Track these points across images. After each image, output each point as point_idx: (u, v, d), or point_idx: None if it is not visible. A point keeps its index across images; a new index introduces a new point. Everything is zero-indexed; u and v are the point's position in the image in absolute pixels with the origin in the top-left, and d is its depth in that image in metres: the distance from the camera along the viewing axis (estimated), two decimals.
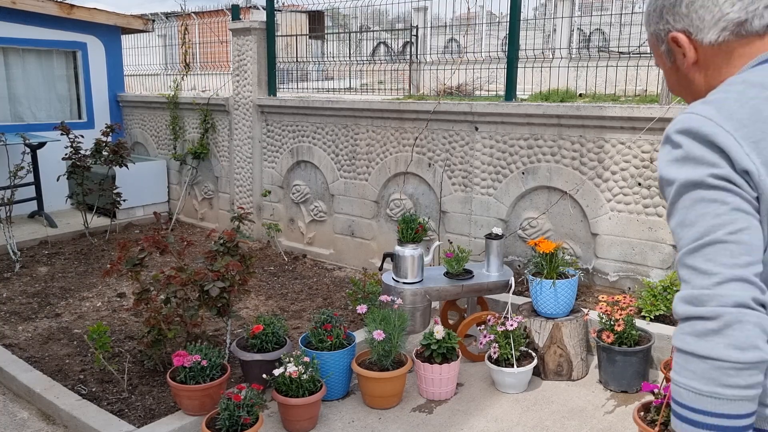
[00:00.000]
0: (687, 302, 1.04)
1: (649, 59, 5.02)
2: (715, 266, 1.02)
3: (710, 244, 1.04)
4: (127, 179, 6.65)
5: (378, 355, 3.29)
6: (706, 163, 1.06)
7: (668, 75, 1.31)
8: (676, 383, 1.03)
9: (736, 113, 1.07)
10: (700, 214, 1.06)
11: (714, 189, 1.05)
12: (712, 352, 0.99)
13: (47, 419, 3.17)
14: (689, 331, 1.02)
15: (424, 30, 7.91)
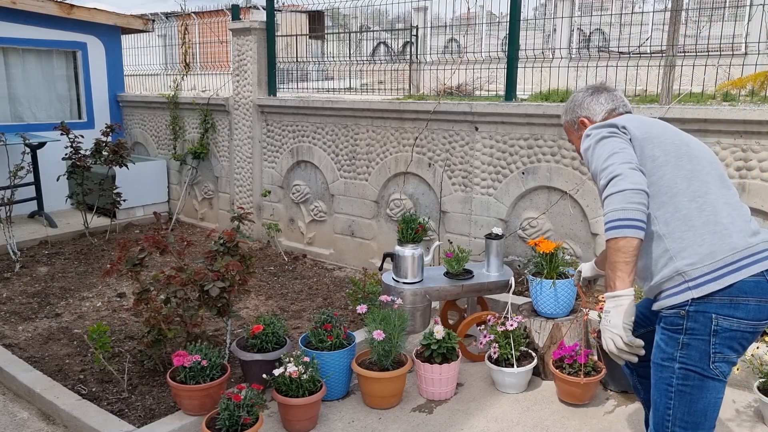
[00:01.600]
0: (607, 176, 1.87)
1: (649, 59, 5.02)
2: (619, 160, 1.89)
3: (615, 153, 1.92)
4: (127, 179, 6.65)
5: (378, 355, 3.29)
6: (606, 128, 2.04)
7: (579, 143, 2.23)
8: (607, 212, 1.83)
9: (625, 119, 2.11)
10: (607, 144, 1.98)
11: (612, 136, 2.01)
12: (621, 187, 1.82)
13: (47, 419, 3.17)
14: (612, 185, 1.84)
15: (424, 30, 7.92)
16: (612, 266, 1.80)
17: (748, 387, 3.33)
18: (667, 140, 2.02)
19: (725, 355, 1.86)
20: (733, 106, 3.80)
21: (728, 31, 4.62)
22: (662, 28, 4.78)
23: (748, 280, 1.82)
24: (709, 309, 1.82)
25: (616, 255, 1.78)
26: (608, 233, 1.79)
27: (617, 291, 1.81)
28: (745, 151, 3.67)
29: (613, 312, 1.81)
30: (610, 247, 1.80)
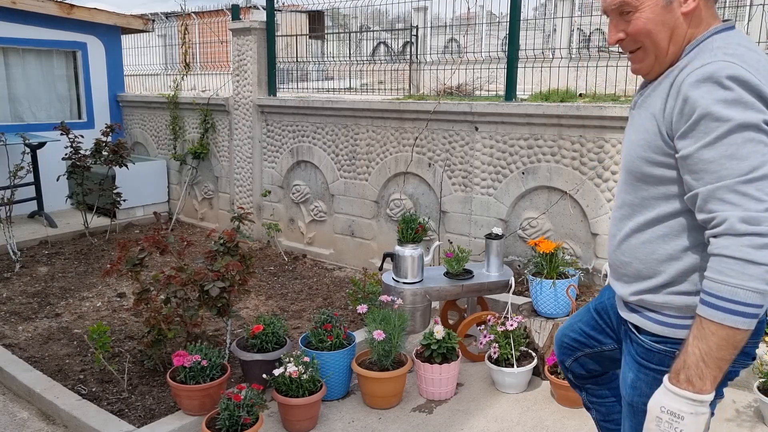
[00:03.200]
0: (745, 222, 1.25)
1: None
2: (764, 195, 1.26)
3: (760, 179, 1.26)
4: (127, 179, 6.65)
5: (378, 355, 3.29)
6: (757, 109, 1.28)
7: (650, 13, 1.44)
8: (732, 285, 1.25)
9: (758, 69, 1.32)
10: (751, 151, 1.27)
11: (763, 132, 1.28)
12: (767, 260, 1.24)
13: (47, 419, 3.17)
14: (748, 244, 1.24)
15: (424, 30, 7.92)
16: (714, 361, 1.28)
17: (748, 387, 3.33)
18: None
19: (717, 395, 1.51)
20: None
21: None
22: None
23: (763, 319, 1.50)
24: None
25: (728, 350, 1.28)
26: (734, 318, 1.26)
27: (705, 396, 1.30)
28: None
29: (691, 421, 1.30)
30: (725, 338, 1.27)
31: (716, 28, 1.43)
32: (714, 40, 1.41)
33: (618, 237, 1.61)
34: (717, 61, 1.32)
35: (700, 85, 1.32)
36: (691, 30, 1.45)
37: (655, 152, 1.46)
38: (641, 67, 1.53)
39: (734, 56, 1.32)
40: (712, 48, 1.38)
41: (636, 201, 1.54)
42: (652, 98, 1.49)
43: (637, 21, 1.46)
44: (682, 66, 1.42)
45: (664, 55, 1.47)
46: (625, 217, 1.58)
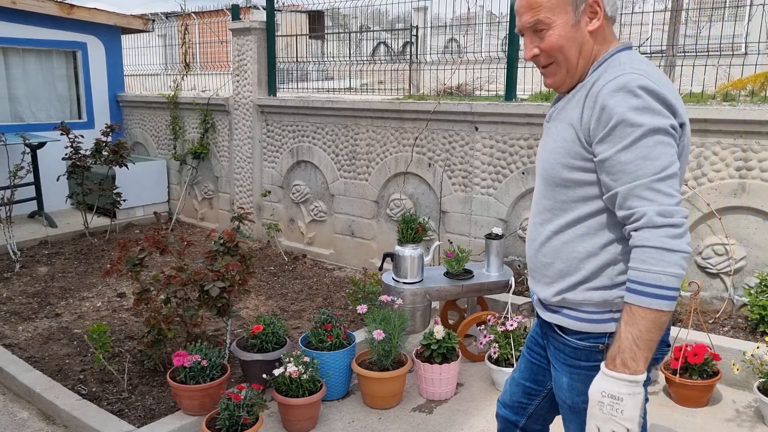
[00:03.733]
0: (661, 215, 1.39)
1: (649, 59, 5.02)
2: (674, 191, 1.42)
3: (670, 177, 1.42)
4: (127, 179, 6.65)
5: (378, 355, 3.29)
6: (664, 115, 1.44)
7: (562, 30, 1.57)
8: (654, 272, 1.38)
9: (662, 81, 1.48)
10: (662, 152, 1.42)
11: (670, 135, 1.44)
12: (683, 247, 1.39)
13: (47, 419, 3.17)
14: (665, 234, 1.39)
15: (424, 30, 7.91)
16: (644, 343, 1.39)
17: (748, 387, 3.33)
18: (686, 152, 1.62)
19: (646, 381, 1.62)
20: (733, 106, 3.80)
21: (728, 31, 4.62)
22: (662, 28, 4.78)
23: None
24: None
25: (656, 331, 1.40)
26: (658, 302, 1.38)
27: (639, 376, 1.40)
28: (745, 151, 3.67)
29: (630, 401, 1.40)
30: (652, 320, 1.39)
31: (619, 47, 1.59)
32: (620, 56, 1.56)
33: (538, 240, 1.70)
34: (628, 73, 1.46)
35: (615, 95, 1.45)
36: (597, 47, 1.59)
37: (573, 158, 1.56)
38: (554, 80, 1.64)
39: (640, 70, 1.48)
40: (619, 63, 1.52)
41: (555, 205, 1.64)
42: (567, 110, 1.60)
43: (550, 37, 1.57)
44: (594, 79, 1.54)
45: (574, 68, 1.60)
46: (546, 221, 1.68)
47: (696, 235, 3.90)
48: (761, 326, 3.57)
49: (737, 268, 3.79)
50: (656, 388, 3.46)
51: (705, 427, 3.07)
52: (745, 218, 3.74)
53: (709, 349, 3.25)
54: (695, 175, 3.83)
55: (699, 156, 3.81)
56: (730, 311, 3.85)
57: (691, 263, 3.93)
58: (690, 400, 3.24)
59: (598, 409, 1.45)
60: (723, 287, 3.86)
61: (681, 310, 3.82)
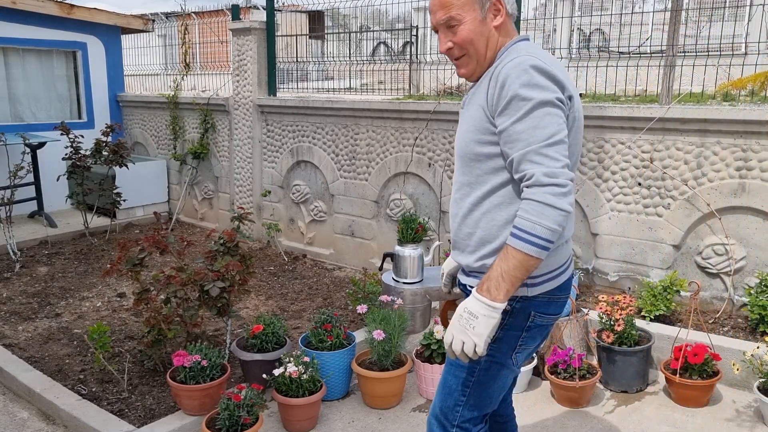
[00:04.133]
0: (547, 175, 1.58)
1: (649, 59, 5.02)
2: (560, 156, 1.61)
3: (557, 143, 1.61)
4: (127, 179, 6.65)
5: (378, 355, 3.29)
6: (551, 90, 1.65)
7: (471, 25, 1.78)
8: (532, 221, 1.58)
9: (553, 63, 1.71)
10: (549, 122, 1.62)
11: (556, 106, 1.64)
12: (564, 206, 1.58)
13: (47, 419, 3.17)
14: (549, 192, 1.57)
15: (424, 30, 7.91)
16: (509, 278, 1.61)
17: (748, 387, 3.33)
18: (581, 128, 1.86)
19: (528, 347, 1.89)
20: (733, 106, 3.81)
21: (728, 31, 4.62)
22: (662, 28, 4.79)
23: (566, 281, 1.89)
24: (530, 307, 1.81)
25: (521, 271, 1.60)
26: (529, 247, 1.58)
27: (497, 303, 1.62)
28: (745, 151, 3.67)
29: (483, 321, 1.64)
30: (521, 260, 1.59)
31: (518, 38, 1.83)
32: (518, 45, 1.79)
33: (460, 214, 1.88)
34: (522, 56, 1.68)
35: (511, 73, 1.66)
36: (502, 38, 1.81)
37: (483, 133, 1.76)
38: (467, 71, 1.86)
39: (534, 53, 1.70)
40: (517, 49, 1.75)
41: (472, 180, 1.83)
42: (477, 95, 1.82)
43: (462, 32, 1.77)
44: (497, 64, 1.75)
45: (483, 58, 1.81)
46: (465, 195, 1.86)
47: (696, 235, 3.90)
48: (761, 326, 3.57)
49: (737, 268, 3.79)
50: (656, 388, 3.46)
51: (705, 427, 3.07)
52: (745, 218, 3.74)
53: (709, 349, 3.25)
54: (695, 175, 3.83)
55: (699, 156, 3.81)
56: (730, 311, 3.85)
57: (691, 263, 3.93)
58: (690, 400, 3.24)
59: (458, 321, 1.70)
60: (723, 287, 3.86)
61: (681, 309, 3.82)
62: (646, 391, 3.43)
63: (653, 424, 3.10)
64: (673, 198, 3.92)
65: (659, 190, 3.96)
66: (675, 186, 3.90)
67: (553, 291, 1.83)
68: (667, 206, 3.94)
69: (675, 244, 3.94)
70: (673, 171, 3.89)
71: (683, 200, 3.89)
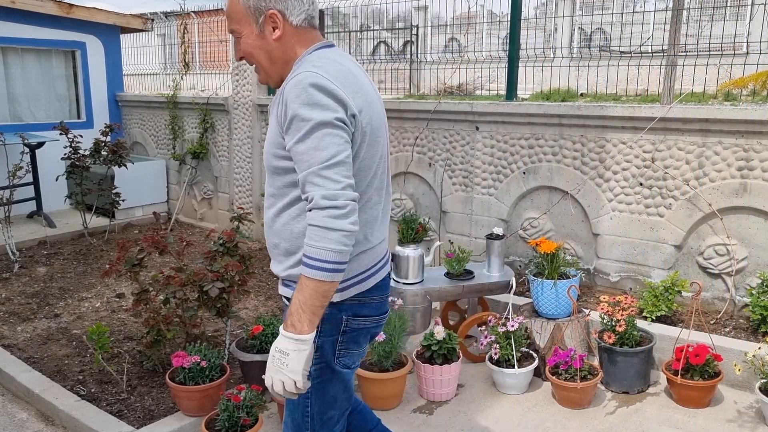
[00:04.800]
0: (326, 198, 1.58)
1: (650, 59, 5.01)
2: (340, 177, 1.60)
3: (337, 164, 1.60)
4: (126, 179, 6.63)
5: (378, 356, 3.28)
6: (332, 109, 1.63)
7: (248, 39, 1.79)
8: (317, 247, 1.58)
9: (339, 77, 1.68)
10: (329, 143, 1.61)
11: (336, 127, 1.63)
12: (344, 226, 1.58)
13: (46, 420, 3.15)
14: (329, 215, 1.58)
15: (424, 29, 7.90)
16: (308, 308, 1.61)
17: (750, 388, 3.31)
18: (379, 138, 1.81)
19: (351, 349, 1.89)
20: (734, 105, 3.79)
21: (730, 31, 4.60)
22: (663, 28, 4.77)
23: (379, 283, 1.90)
24: (341, 312, 1.82)
25: (317, 298, 1.61)
26: (318, 273, 1.58)
27: (304, 336, 1.62)
28: (746, 151, 3.66)
29: (294, 356, 1.62)
30: (314, 288, 1.60)
31: (316, 46, 1.80)
32: (311, 56, 1.76)
33: (268, 223, 1.89)
34: (304, 72, 1.66)
35: (292, 92, 1.65)
36: (297, 49, 1.79)
37: (278, 147, 1.74)
38: (260, 78, 1.88)
39: (319, 67, 1.67)
40: (306, 62, 1.73)
41: (275, 191, 1.83)
42: (274, 104, 1.78)
43: (242, 45, 1.80)
44: (289, 77, 1.74)
45: (269, 70, 1.82)
46: (271, 205, 1.86)
47: (697, 235, 3.88)
48: (763, 327, 3.56)
49: (739, 269, 3.78)
50: (658, 389, 3.45)
51: (706, 428, 3.06)
52: (747, 218, 3.72)
53: (710, 350, 3.23)
54: (697, 174, 3.82)
55: (701, 156, 3.80)
56: (731, 312, 3.83)
57: (693, 263, 3.92)
58: (691, 400, 3.23)
59: (271, 362, 1.67)
60: (724, 288, 3.84)
61: (682, 310, 3.81)
62: (648, 392, 3.42)
63: (654, 424, 3.09)
64: (674, 198, 3.90)
65: (661, 190, 3.94)
66: (676, 186, 3.89)
67: (363, 294, 1.84)
68: (669, 206, 3.93)
69: (676, 245, 3.93)
70: (675, 171, 3.88)
71: (685, 200, 3.87)
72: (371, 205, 1.82)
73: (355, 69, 1.79)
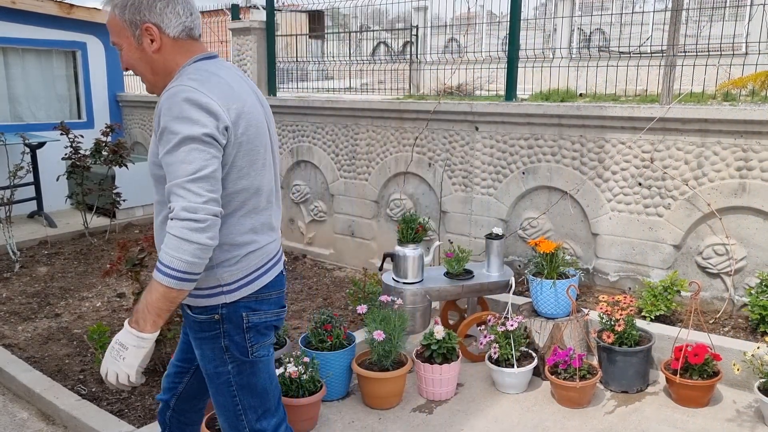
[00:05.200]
0: (186, 210, 1.64)
1: (649, 59, 5.02)
2: (203, 191, 1.66)
3: (201, 179, 1.66)
4: (127, 179, 6.64)
5: (378, 356, 3.29)
6: (201, 124, 1.67)
7: (131, 53, 1.84)
8: (171, 255, 1.64)
9: (214, 90, 1.73)
10: (195, 157, 1.66)
11: (203, 143, 1.67)
12: (200, 239, 1.64)
13: (47, 419, 3.16)
14: (186, 227, 1.63)
15: (424, 30, 7.91)
16: (154, 309, 1.69)
17: (749, 387, 3.32)
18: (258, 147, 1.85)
19: (261, 342, 1.95)
20: (733, 106, 3.80)
21: (729, 31, 4.62)
22: (663, 28, 4.78)
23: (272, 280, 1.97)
24: (239, 310, 1.89)
25: (164, 302, 1.68)
26: (168, 280, 1.64)
27: (146, 334, 1.70)
28: (745, 151, 3.66)
29: (133, 352, 1.70)
30: (162, 293, 1.66)
31: (196, 58, 1.86)
32: (188, 68, 1.81)
33: (156, 230, 1.93)
34: (178, 85, 1.71)
35: (164, 104, 1.70)
36: (179, 59, 1.84)
37: (156, 156, 1.78)
38: (147, 88, 1.93)
39: (194, 80, 1.73)
40: (184, 74, 1.78)
41: (160, 198, 1.86)
42: (156, 115, 1.82)
43: (125, 57, 1.86)
44: (166, 89, 1.78)
45: (151, 80, 1.88)
46: (158, 212, 1.91)
47: (696, 235, 3.89)
48: (762, 326, 3.57)
49: (738, 268, 3.79)
50: (657, 389, 3.46)
51: (705, 428, 3.07)
52: (746, 218, 3.73)
53: (709, 350, 3.24)
54: (696, 175, 3.83)
55: (699, 156, 3.81)
56: (730, 311, 3.84)
57: (692, 263, 3.93)
58: (690, 400, 3.24)
59: (109, 353, 1.74)
60: (723, 287, 3.85)
61: (681, 310, 3.82)
62: (647, 392, 3.43)
63: (653, 424, 3.10)
64: (673, 198, 3.91)
65: (660, 190, 3.95)
66: (675, 186, 3.90)
67: (258, 292, 1.91)
68: (668, 206, 3.94)
69: (675, 244, 3.94)
70: (674, 171, 3.89)
71: (684, 200, 3.88)
72: (258, 210, 1.88)
73: (232, 79, 1.83)
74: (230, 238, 1.82)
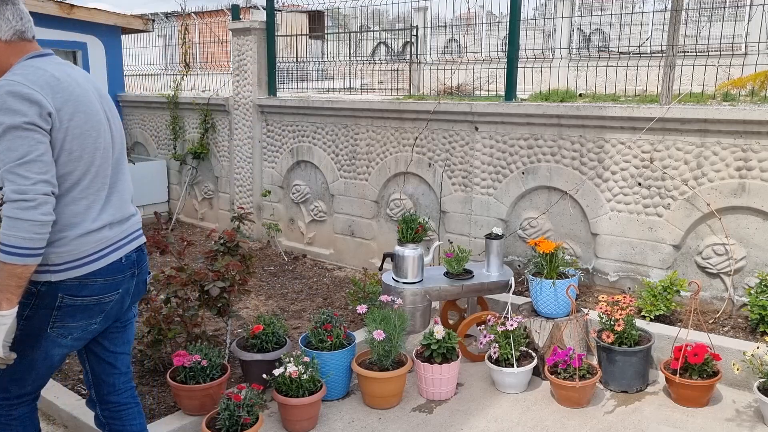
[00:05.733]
0: (16, 192, 1.82)
1: (649, 59, 5.02)
2: (31, 174, 1.84)
3: (28, 162, 1.84)
4: None
5: (378, 355, 3.29)
6: (22, 114, 1.85)
7: None
8: (7, 235, 1.81)
9: (38, 81, 1.92)
10: (19, 144, 1.85)
11: (25, 130, 1.85)
12: (34, 216, 1.83)
13: (47, 419, 3.17)
14: (18, 207, 1.82)
15: (424, 30, 7.92)
16: (5, 287, 1.85)
17: (748, 387, 3.33)
18: (89, 131, 2.03)
19: (67, 323, 2.06)
20: (733, 106, 3.81)
21: (728, 31, 4.62)
22: (662, 28, 4.79)
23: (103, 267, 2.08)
24: (58, 290, 2.01)
25: (12, 279, 1.85)
26: (11, 258, 1.82)
27: (4, 312, 1.86)
28: (745, 151, 3.67)
29: None
30: (9, 271, 1.84)
31: (28, 56, 2.03)
32: (20, 64, 1.99)
33: None
34: (4, 80, 1.90)
35: None
36: (12, 59, 2.01)
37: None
38: None
39: (19, 75, 1.92)
40: (11, 71, 1.96)
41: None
42: None
43: None
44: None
45: None
46: None
47: (696, 235, 3.90)
48: (761, 326, 3.57)
49: (737, 268, 3.79)
50: (656, 388, 3.46)
51: (705, 427, 3.07)
52: (745, 218, 3.74)
53: (709, 349, 3.25)
54: (695, 175, 3.83)
55: (699, 156, 3.81)
56: (730, 311, 3.85)
57: (691, 263, 3.93)
58: (690, 400, 3.24)
59: None
60: (723, 287, 3.86)
61: (681, 310, 3.82)
62: (646, 391, 3.43)
63: (653, 424, 3.11)
64: (673, 198, 3.92)
65: (659, 190, 3.96)
66: (675, 186, 3.90)
67: (83, 276, 2.02)
68: (667, 206, 3.94)
69: (675, 244, 3.94)
70: (673, 171, 3.90)
71: (683, 200, 3.89)
72: (92, 191, 2.04)
73: (60, 73, 2.01)
74: (62, 218, 1.96)
